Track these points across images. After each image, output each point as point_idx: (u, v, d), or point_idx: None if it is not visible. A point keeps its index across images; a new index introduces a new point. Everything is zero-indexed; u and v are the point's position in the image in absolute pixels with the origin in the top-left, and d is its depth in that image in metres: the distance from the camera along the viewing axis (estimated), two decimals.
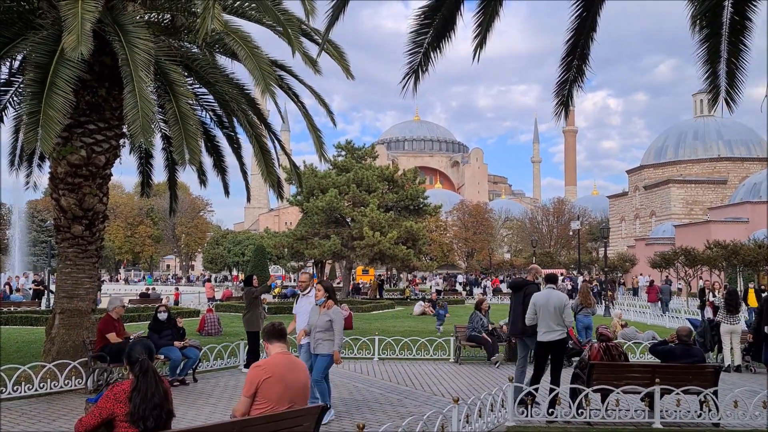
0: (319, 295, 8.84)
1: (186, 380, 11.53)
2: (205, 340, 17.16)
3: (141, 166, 15.12)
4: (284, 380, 5.00)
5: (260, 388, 4.91)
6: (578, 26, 6.66)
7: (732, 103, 7.08)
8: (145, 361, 4.48)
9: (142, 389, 4.38)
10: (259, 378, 4.96)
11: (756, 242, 37.55)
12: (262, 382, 4.93)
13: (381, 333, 15.95)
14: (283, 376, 5.01)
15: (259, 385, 4.92)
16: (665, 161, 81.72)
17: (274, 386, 4.93)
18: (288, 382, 5.03)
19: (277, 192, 12.55)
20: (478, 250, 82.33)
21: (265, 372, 5.00)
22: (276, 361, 5.12)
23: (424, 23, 6.16)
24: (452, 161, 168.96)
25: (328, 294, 8.77)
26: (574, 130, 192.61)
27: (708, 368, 8.94)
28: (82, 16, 8.50)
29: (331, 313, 8.63)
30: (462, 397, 9.80)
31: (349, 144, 42.67)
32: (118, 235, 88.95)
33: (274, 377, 4.97)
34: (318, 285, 8.97)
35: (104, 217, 11.86)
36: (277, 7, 10.40)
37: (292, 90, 12.99)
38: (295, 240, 40.76)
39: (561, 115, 6.88)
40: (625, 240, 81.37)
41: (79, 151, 10.97)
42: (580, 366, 9.31)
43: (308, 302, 9.38)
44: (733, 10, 6.71)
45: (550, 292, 9.35)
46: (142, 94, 9.07)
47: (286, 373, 5.07)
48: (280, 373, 5.01)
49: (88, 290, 11.53)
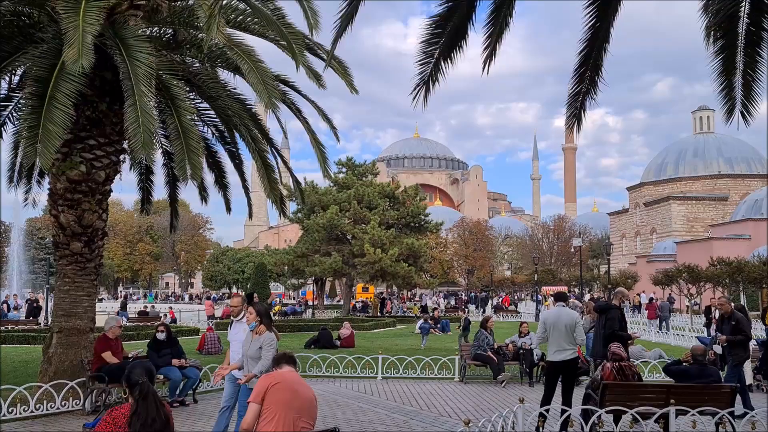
0: (251, 319, 7.89)
1: (186, 401, 11.25)
2: (206, 359, 16.87)
3: (141, 182, 14.95)
4: (292, 388, 5.01)
5: (268, 393, 4.90)
6: (591, 37, 6.51)
7: (748, 116, 6.91)
8: (145, 384, 4.25)
9: (142, 414, 4.15)
10: (267, 383, 4.98)
11: (760, 259, 37.30)
12: (270, 387, 4.93)
13: (384, 351, 15.67)
14: (291, 384, 5.04)
15: (267, 390, 4.91)
16: (665, 178, 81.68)
17: (283, 392, 4.93)
18: (297, 391, 5.03)
19: (280, 208, 12.36)
20: (478, 267, 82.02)
21: (274, 379, 5.03)
22: (283, 372, 5.17)
23: (435, 33, 6.01)
24: (452, 178, 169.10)
25: (260, 318, 7.83)
26: (574, 148, 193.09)
27: (724, 388, 8.69)
28: (83, 29, 8.36)
29: (262, 339, 7.64)
30: (470, 418, 9.54)
31: (350, 161, 42.62)
32: (117, 253, 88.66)
33: (283, 383, 4.98)
34: (250, 308, 8.07)
35: (103, 233, 11.66)
36: (281, 21, 10.28)
37: (294, 105, 12.85)
38: (295, 257, 40.56)
39: (574, 128, 6.71)
40: (626, 257, 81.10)
41: (79, 167, 10.79)
42: (592, 386, 9.06)
43: (242, 329, 8.28)
44: (749, 21, 6.57)
45: (560, 310, 9.12)
46: (144, 108, 8.91)
47: (295, 383, 5.09)
48: (288, 380, 5.04)
49: (86, 308, 11.29)
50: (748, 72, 6.75)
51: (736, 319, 11.02)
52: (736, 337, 10.84)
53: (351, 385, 13.54)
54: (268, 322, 7.89)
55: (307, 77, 10.87)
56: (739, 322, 10.93)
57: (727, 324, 11.16)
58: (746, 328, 10.98)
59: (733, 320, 11.01)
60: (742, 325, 10.92)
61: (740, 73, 6.78)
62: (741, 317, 11.18)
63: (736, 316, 11.09)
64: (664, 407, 8.31)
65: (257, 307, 8.03)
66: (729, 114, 6.96)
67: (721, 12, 6.58)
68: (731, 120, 6.95)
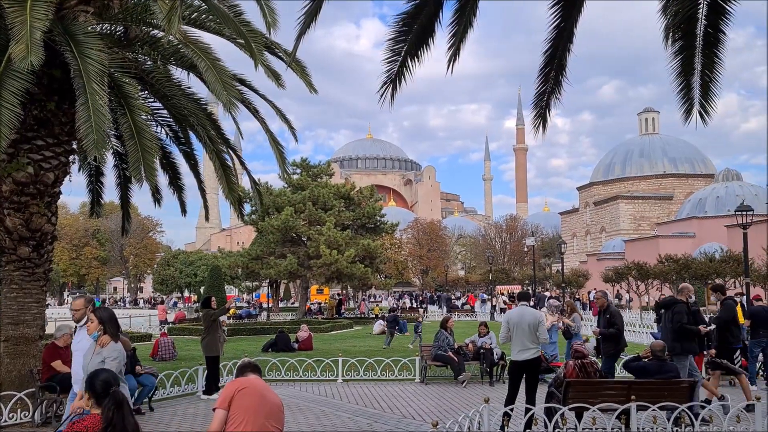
0: (92, 328, 6.61)
1: (141, 409, 10.89)
2: (160, 365, 16.42)
3: (91, 184, 14.45)
4: (260, 393, 4.81)
5: (235, 398, 4.69)
6: (556, 36, 6.52)
7: (706, 115, 7.02)
8: (118, 393, 4.00)
9: (117, 425, 3.90)
10: (234, 388, 4.77)
11: (707, 256, 38.51)
12: (237, 392, 4.72)
13: (343, 353, 15.53)
14: (258, 389, 4.84)
15: (234, 395, 4.70)
16: (613, 178, 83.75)
17: (251, 397, 4.73)
18: (264, 396, 4.83)
19: (238, 210, 12.11)
20: (432, 267, 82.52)
21: (241, 383, 4.83)
22: (250, 378, 4.97)
23: (403, 31, 5.93)
24: (405, 179, 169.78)
25: (103, 326, 6.56)
26: (525, 148, 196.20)
27: (683, 383, 8.86)
28: (32, 24, 7.99)
29: (105, 353, 6.41)
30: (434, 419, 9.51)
31: (304, 162, 42.29)
32: (62, 257, 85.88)
33: (250, 388, 4.79)
34: (91, 314, 6.77)
35: (53, 238, 11.19)
36: (238, 19, 10.04)
37: (252, 105, 12.60)
38: (249, 260, 40.00)
39: (540, 127, 6.71)
40: (577, 255, 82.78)
41: (26, 168, 10.33)
42: (555, 384, 9.12)
43: (86, 337, 6.93)
44: (707, 23, 6.69)
45: (523, 309, 9.15)
46: (96, 106, 8.58)
47: (263, 389, 4.89)
48: (255, 385, 4.85)
49: (35, 316, 10.82)
50: (706, 73, 6.85)
51: (610, 312, 11.28)
52: (609, 330, 11.06)
53: (311, 388, 13.37)
54: (113, 330, 6.61)
55: (266, 77, 10.66)
56: (612, 316, 11.18)
57: (602, 317, 11.43)
58: (619, 322, 11.16)
59: (608, 314, 11.26)
60: (615, 318, 11.14)
61: (698, 74, 6.88)
62: (615, 311, 11.46)
63: (610, 310, 11.38)
64: (626, 403, 8.43)
65: (100, 312, 6.80)
66: (687, 114, 7.05)
67: (679, 13, 6.68)
68: (690, 119, 7.05)
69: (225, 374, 13.68)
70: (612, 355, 11.27)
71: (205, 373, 12.68)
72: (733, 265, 34.04)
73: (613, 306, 11.79)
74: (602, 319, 11.44)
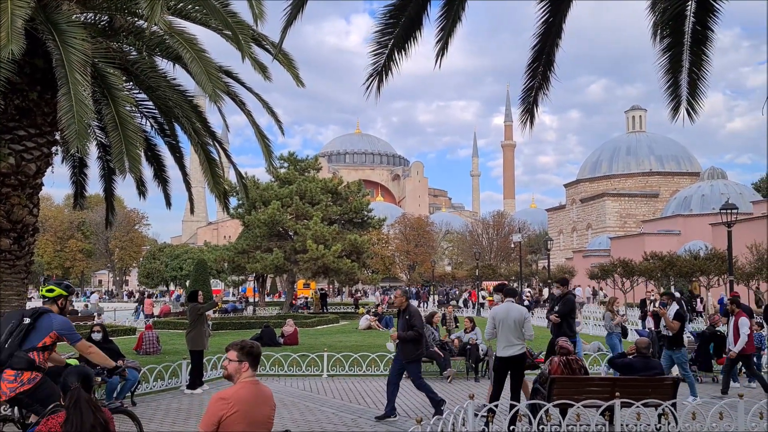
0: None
1: (124, 404, 10.77)
2: (144, 359, 16.29)
3: (74, 176, 14.28)
4: (249, 416, 4.33)
5: (223, 423, 4.25)
6: (544, 32, 6.49)
7: (693, 112, 7.02)
8: (75, 391, 3.93)
9: (75, 422, 3.83)
10: (222, 413, 4.26)
11: (691, 253, 38.79)
12: (225, 418, 4.25)
13: (328, 349, 15.48)
14: (248, 413, 4.34)
15: (222, 420, 4.25)
16: (600, 175, 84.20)
17: (239, 422, 4.28)
18: (252, 418, 4.36)
19: (223, 203, 12.00)
20: (419, 263, 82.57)
21: (230, 407, 4.28)
22: (242, 394, 4.40)
23: (390, 23, 5.87)
24: (393, 174, 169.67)
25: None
26: (513, 145, 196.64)
27: (667, 380, 8.89)
28: (13, 11, 7.86)
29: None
30: (417, 415, 9.49)
31: (291, 156, 42.10)
32: (47, 250, 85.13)
33: (239, 413, 4.29)
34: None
35: (34, 230, 11.04)
36: (225, 10, 9.92)
37: (238, 98, 12.48)
38: (236, 254, 39.78)
39: (527, 123, 6.68)
40: (564, 252, 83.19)
41: (8, 159, 10.16)
42: (540, 380, 9.12)
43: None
44: (695, 20, 6.67)
45: (509, 305, 9.14)
46: (78, 97, 8.46)
47: (252, 408, 4.38)
48: (245, 409, 4.34)
49: (15, 308, 10.65)
50: (694, 70, 6.84)
51: (409, 313, 10.04)
52: (407, 333, 9.86)
53: (296, 383, 13.30)
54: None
55: (253, 69, 10.54)
56: (412, 317, 9.97)
57: (401, 318, 10.17)
58: (418, 324, 9.99)
59: (407, 314, 10.02)
60: (414, 320, 9.95)
61: (686, 71, 6.87)
62: (415, 311, 10.19)
63: (410, 310, 10.11)
64: (610, 400, 8.44)
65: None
66: (675, 111, 7.05)
67: (668, 11, 6.66)
68: (677, 116, 7.05)
69: (209, 368, 13.58)
70: (414, 360, 10.07)
71: (189, 367, 12.58)
72: (717, 262, 34.32)
73: (413, 306, 10.47)
74: (401, 321, 10.13)
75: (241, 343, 4.50)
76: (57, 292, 6.67)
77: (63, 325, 6.28)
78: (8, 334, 6.07)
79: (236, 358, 4.40)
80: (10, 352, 5.97)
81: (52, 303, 6.66)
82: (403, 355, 9.99)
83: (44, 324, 6.18)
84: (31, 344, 6.07)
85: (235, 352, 4.40)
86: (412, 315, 10.07)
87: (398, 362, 10.18)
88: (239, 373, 4.44)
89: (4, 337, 6.07)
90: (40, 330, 6.14)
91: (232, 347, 4.45)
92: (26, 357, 6.04)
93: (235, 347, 4.43)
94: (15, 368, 6.00)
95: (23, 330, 6.08)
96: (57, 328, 6.21)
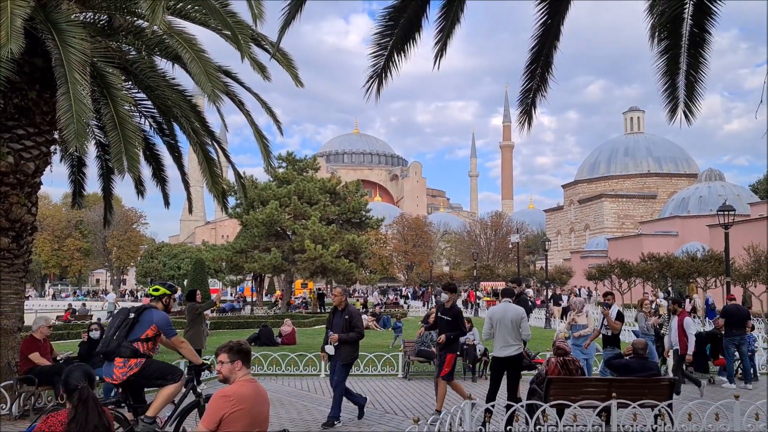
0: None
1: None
2: None
3: (73, 175, 14.27)
4: (251, 413, 4.35)
5: (225, 420, 4.25)
6: (542, 34, 6.51)
7: (691, 115, 7.05)
8: (85, 389, 3.96)
9: (80, 420, 3.86)
10: (225, 410, 4.27)
11: (689, 255, 38.86)
12: (227, 415, 4.26)
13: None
14: (249, 410, 4.35)
15: (224, 418, 4.26)
16: (598, 176, 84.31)
17: (241, 420, 4.29)
18: (254, 415, 4.38)
19: (222, 203, 12.01)
20: (417, 263, 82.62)
21: (233, 405, 4.28)
22: (244, 392, 4.41)
23: (389, 25, 5.89)
24: (391, 175, 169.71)
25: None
26: (511, 145, 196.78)
27: (663, 381, 8.92)
28: (12, 11, 7.86)
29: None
30: (415, 415, 9.51)
31: (290, 155, 42.13)
32: (44, 249, 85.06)
33: (243, 410, 4.30)
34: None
35: (33, 228, 11.04)
36: (224, 10, 9.93)
37: (237, 98, 12.49)
38: (234, 253, 39.81)
39: (525, 124, 6.71)
40: (561, 253, 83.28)
41: (7, 158, 10.17)
42: (537, 381, 9.16)
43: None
44: (692, 23, 6.71)
45: (506, 305, 9.18)
46: (77, 96, 8.46)
47: (253, 406, 4.40)
48: (247, 406, 4.35)
49: (14, 307, 10.66)
50: (691, 72, 6.87)
51: (349, 312, 9.75)
52: (349, 335, 9.57)
53: (294, 383, 13.33)
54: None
55: (252, 69, 10.55)
56: (352, 317, 9.70)
57: (340, 318, 9.73)
58: (360, 325, 9.78)
59: (346, 314, 9.70)
60: (355, 320, 9.69)
61: (684, 74, 6.90)
62: (355, 311, 9.94)
63: (349, 310, 9.83)
64: (607, 401, 8.48)
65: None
66: (672, 113, 7.08)
67: (665, 13, 6.69)
68: (675, 118, 7.08)
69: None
70: (348, 365, 9.74)
71: (187, 366, 12.58)
72: (714, 264, 34.36)
73: (352, 306, 10.17)
74: (340, 321, 9.65)
75: (228, 344, 4.62)
76: (161, 292, 7.57)
77: (162, 320, 7.12)
78: (116, 328, 7.01)
79: (228, 359, 4.52)
80: (118, 343, 6.89)
81: (156, 301, 7.51)
82: (342, 357, 9.59)
83: (146, 318, 7.07)
84: (136, 336, 6.95)
85: (226, 354, 4.53)
86: (353, 315, 9.77)
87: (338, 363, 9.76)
88: (234, 373, 4.53)
89: (113, 331, 7.03)
90: (143, 323, 7.03)
91: (221, 350, 4.59)
92: (131, 347, 6.92)
93: (224, 349, 4.57)
94: (122, 356, 6.89)
95: (129, 324, 7.00)
96: (156, 322, 7.06)
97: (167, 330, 7.15)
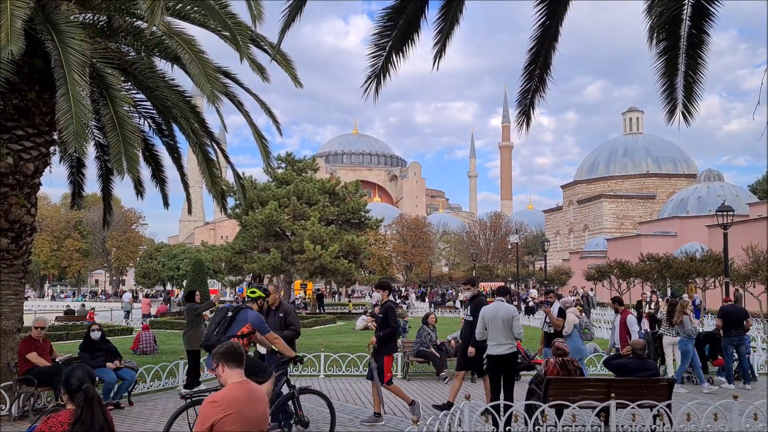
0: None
1: (121, 404, 10.81)
2: (141, 359, 16.31)
3: (72, 175, 14.30)
4: (243, 416, 4.30)
5: (216, 426, 4.20)
6: (541, 35, 6.53)
7: (689, 116, 7.07)
8: (89, 389, 3.95)
9: (86, 421, 3.86)
10: (214, 416, 4.21)
11: (688, 255, 38.88)
12: (217, 421, 4.21)
13: (325, 349, 15.51)
14: (241, 413, 4.30)
15: (214, 424, 4.20)
16: (597, 177, 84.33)
17: (233, 424, 4.24)
18: (247, 418, 4.33)
19: (221, 203, 12.02)
20: (416, 263, 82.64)
21: (222, 410, 4.23)
22: (234, 395, 4.35)
23: (388, 26, 5.90)
24: (391, 175, 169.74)
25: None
26: (510, 146, 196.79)
27: (662, 381, 8.94)
28: (12, 12, 7.88)
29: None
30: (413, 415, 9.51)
31: (289, 156, 42.11)
32: (43, 249, 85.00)
33: (233, 415, 4.26)
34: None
35: (32, 229, 11.06)
36: (224, 11, 9.95)
37: (236, 98, 12.50)
38: (233, 254, 39.79)
39: (524, 125, 6.72)
40: (560, 253, 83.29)
41: (6, 158, 10.19)
42: (535, 381, 9.17)
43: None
44: (691, 24, 6.72)
45: (498, 304, 9.22)
46: (77, 97, 8.48)
47: (245, 408, 4.35)
48: (238, 409, 4.30)
49: (13, 308, 10.68)
50: (690, 73, 6.89)
51: (284, 311, 9.61)
52: (284, 333, 9.19)
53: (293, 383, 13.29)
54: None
55: (251, 70, 10.57)
56: (288, 315, 9.58)
57: (274, 318, 9.47)
58: (296, 323, 9.64)
59: (281, 312, 9.54)
60: (291, 318, 9.55)
61: (682, 75, 6.92)
62: (291, 309, 9.87)
63: (284, 308, 9.69)
64: (606, 401, 8.49)
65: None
66: (671, 114, 7.10)
67: (664, 14, 6.70)
68: (673, 119, 7.10)
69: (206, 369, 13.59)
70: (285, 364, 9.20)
71: (186, 367, 12.61)
72: (713, 264, 34.39)
73: (286, 303, 10.04)
74: (275, 320, 9.40)
75: (215, 350, 4.64)
76: (257, 294, 8.30)
77: (255, 319, 7.69)
78: (216, 324, 7.60)
79: (215, 365, 4.59)
80: (218, 338, 7.32)
81: (252, 302, 8.18)
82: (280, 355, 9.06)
83: (242, 317, 7.63)
84: (233, 332, 7.45)
85: (214, 361, 4.60)
86: (289, 313, 9.63)
87: None
88: (221, 376, 4.54)
89: (213, 327, 7.64)
90: (239, 321, 7.59)
91: (212, 358, 4.68)
92: None
93: (213, 356, 4.62)
94: None
95: (227, 321, 7.58)
96: (251, 320, 7.62)
97: (261, 327, 7.71)
